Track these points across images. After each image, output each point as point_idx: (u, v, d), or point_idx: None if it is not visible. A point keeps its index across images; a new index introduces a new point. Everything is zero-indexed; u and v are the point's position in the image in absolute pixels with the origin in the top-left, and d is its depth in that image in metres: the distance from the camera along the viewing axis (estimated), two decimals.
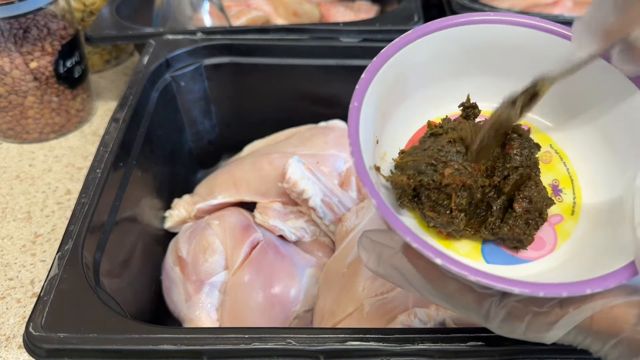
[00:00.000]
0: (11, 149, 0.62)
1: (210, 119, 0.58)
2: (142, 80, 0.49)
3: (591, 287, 0.23)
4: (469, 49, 0.31)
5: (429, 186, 0.27)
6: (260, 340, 0.30)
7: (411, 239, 0.23)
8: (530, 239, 0.28)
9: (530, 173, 0.28)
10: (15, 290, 0.48)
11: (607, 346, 0.24)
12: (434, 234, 0.29)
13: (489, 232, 0.28)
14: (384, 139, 0.30)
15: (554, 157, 0.31)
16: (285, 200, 0.46)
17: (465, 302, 0.25)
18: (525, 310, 0.24)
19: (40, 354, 0.31)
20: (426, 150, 0.28)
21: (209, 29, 0.56)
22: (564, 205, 0.30)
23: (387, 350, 0.30)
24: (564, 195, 0.30)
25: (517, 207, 0.28)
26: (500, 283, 0.23)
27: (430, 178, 0.27)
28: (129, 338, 0.31)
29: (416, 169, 0.27)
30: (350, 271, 0.41)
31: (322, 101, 0.57)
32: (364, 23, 0.56)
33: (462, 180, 0.27)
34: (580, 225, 0.29)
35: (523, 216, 0.28)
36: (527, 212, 0.28)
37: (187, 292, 0.42)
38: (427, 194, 0.27)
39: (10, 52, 0.56)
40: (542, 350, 0.30)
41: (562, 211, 0.29)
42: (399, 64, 0.30)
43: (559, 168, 0.31)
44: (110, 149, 0.42)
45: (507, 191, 0.28)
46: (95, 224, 0.37)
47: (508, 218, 0.28)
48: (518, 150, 0.28)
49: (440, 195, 0.27)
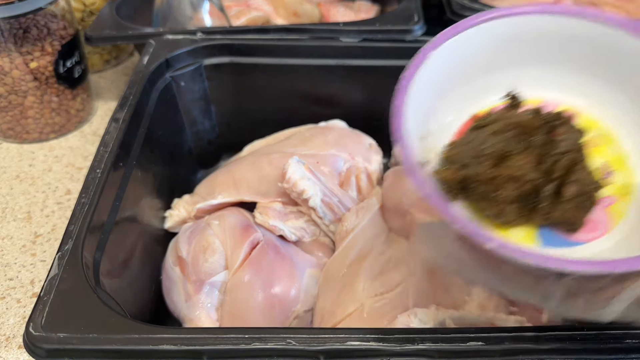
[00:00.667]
0: (11, 149, 0.62)
1: (210, 119, 0.58)
2: (142, 80, 0.49)
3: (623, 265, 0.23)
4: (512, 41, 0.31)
5: (474, 179, 0.27)
6: (260, 340, 0.30)
7: (462, 226, 0.24)
8: (582, 222, 0.28)
9: (578, 157, 0.28)
10: (15, 290, 0.48)
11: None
12: (487, 222, 0.29)
13: (541, 218, 0.28)
14: (431, 133, 0.30)
15: (603, 140, 0.31)
16: (285, 200, 0.46)
17: (522, 284, 0.26)
18: (583, 287, 0.24)
19: (40, 354, 0.31)
20: (470, 143, 0.28)
21: (209, 29, 0.56)
22: (615, 186, 0.30)
23: (387, 350, 0.30)
24: (616, 176, 0.30)
25: (566, 191, 0.27)
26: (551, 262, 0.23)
27: (474, 171, 0.27)
28: (129, 338, 0.31)
29: (461, 163, 0.28)
30: (350, 271, 0.42)
31: (322, 101, 0.57)
32: (364, 23, 0.56)
33: (509, 172, 0.27)
34: (634, 205, 0.29)
35: (573, 200, 0.28)
36: (577, 196, 0.28)
37: (187, 292, 0.42)
38: (474, 186, 0.27)
39: (10, 52, 0.56)
40: (542, 351, 0.30)
41: (615, 192, 0.30)
42: (443, 58, 0.30)
43: (608, 150, 0.31)
44: (110, 149, 0.42)
45: (556, 177, 0.28)
46: (95, 224, 0.37)
47: (559, 202, 0.28)
48: (564, 135, 0.28)
49: (488, 187, 0.27)
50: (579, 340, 0.30)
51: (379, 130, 0.57)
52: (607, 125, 0.32)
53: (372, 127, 0.56)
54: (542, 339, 0.30)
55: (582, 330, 0.31)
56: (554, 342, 0.30)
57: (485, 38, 0.31)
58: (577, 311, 0.25)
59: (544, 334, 0.30)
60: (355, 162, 0.50)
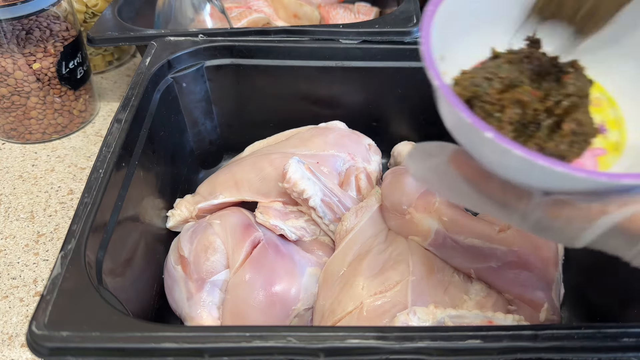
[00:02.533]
0: (14, 149, 0.63)
1: (211, 119, 0.58)
2: (144, 81, 0.49)
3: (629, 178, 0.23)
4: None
5: (482, 98, 0.28)
6: (261, 338, 0.30)
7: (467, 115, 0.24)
8: (573, 157, 0.29)
9: (582, 101, 0.29)
10: (18, 289, 0.48)
11: (636, 249, 0.24)
12: None
13: (534, 146, 0.28)
14: (449, 58, 0.31)
15: (604, 103, 0.32)
16: (286, 200, 0.47)
17: (504, 200, 0.26)
18: (565, 206, 0.25)
19: (43, 353, 0.31)
20: (485, 69, 0.29)
21: (210, 31, 0.56)
22: (608, 141, 0.31)
23: (387, 348, 0.30)
24: (610, 134, 0.31)
25: (565, 126, 0.28)
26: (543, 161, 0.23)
27: (484, 90, 0.28)
28: (132, 336, 0.31)
29: (472, 83, 0.28)
30: (350, 270, 0.42)
31: (322, 102, 0.57)
32: (364, 25, 0.56)
33: (518, 96, 0.28)
34: (623, 160, 0.30)
35: (569, 136, 0.28)
36: (573, 134, 0.28)
37: (189, 290, 0.43)
38: (481, 105, 0.28)
39: (13, 53, 0.57)
40: (540, 349, 0.30)
41: (606, 145, 0.30)
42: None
43: (608, 112, 0.32)
44: (113, 149, 0.42)
45: (558, 113, 0.29)
46: (98, 223, 0.38)
47: (555, 135, 0.28)
48: (573, 80, 0.29)
49: (494, 106, 0.28)
50: (577, 339, 0.31)
51: (378, 131, 0.57)
52: (610, 90, 0.33)
53: (371, 127, 0.57)
54: (540, 337, 0.31)
55: (579, 328, 0.31)
56: (552, 340, 0.30)
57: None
58: (553, 233, 0.26)
59: (542, 332, 0.31)
60: (355, 163, 0.50)
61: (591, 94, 0.31)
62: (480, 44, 0.32)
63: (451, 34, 0.31)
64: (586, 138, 0.29)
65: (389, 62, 0.55)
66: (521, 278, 0.40)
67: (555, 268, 0.41)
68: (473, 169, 0.27)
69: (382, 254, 0.43)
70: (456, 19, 0.31)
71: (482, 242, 0.41)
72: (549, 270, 0.41)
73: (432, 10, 0.29)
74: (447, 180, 0.28)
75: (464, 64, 0.31)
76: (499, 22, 0.33)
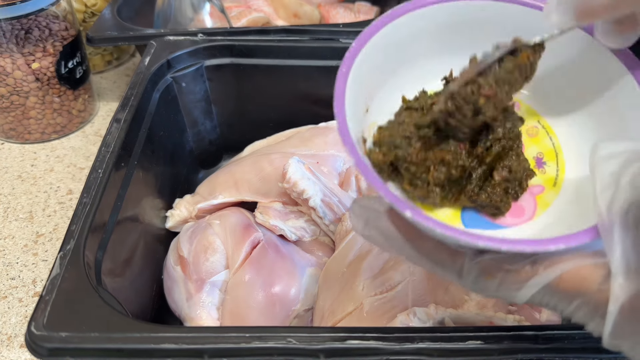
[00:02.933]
0: (13, 149, 0.63)
1: (211, 119, 0.58)
2: (144, 81, 0.49)
3: (555, 244, 0.24)
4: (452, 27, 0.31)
5: (405, 160, 0.27)
6: (260, 339, 0.30)
7: (384, 193, 0.24)
8: (507, 207, 0.29)
9: (512, 145, 0.29)
10: (17, 290, 0.48)
11: (573, 305, 0.24)
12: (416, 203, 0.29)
13: (467, 199, 0.28)
14: (373, 109, 0.30)
15: (540, 132, 0.32)
16: (286, 200, 0.47)
17: (440, 259, 0.26)
18: (497, 267, 0.25)
19: (42, 353, 0.31)
20: (401, 125, 0.28)
21: (209, 30, 0.56)
22: (546, 177, 0.30)
23: (387, 349, 0.30)
24: (548, 167, 0.31)
25: (496, 175, 0.28)
26: (464, 237, 0.24)
27: (405, 151, 0.27)
28: (131, 337, 0.31)
29: (392, 144, 0.28)
30: (350, 270, 0.42)
31: (322, 102, 0.57)
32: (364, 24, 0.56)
33: (441, 155, 0.27)
34: (561, 196, 0.29)
35: (502, 184, 0.28)
36: (506, 181, 0.28)
37: (188, 291, 0.43)
38: (406, 166, 0.28)
39: (12, 52, 0.57)
40: (541, 350, 0.30)
41: (544, 182, 0.30)
42: (387, 38, 0.30)
43: (544, 142, 0.32)
44: (112, 149, 0.42)
45: (489, 161, 0.29)
46: (97, 223, 0.38)
47: (487, 186, 0.28)
48: (501, 122, 0.29)
49: (419, 168, 0.27)
50: (577, 340, 0.31)
51: None
52: (546, 117, 0.32)
53: None
54: (541, 338, 0.31)
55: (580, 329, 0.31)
56: (553, 341, 0.30)
57: (421, 24, 0.31)
58: (490, 291, 0.26)
59: (543, 333, 0.31)
60: None
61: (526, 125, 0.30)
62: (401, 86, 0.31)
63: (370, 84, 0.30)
64: (521, 182, 0.29)
65: None
66: None
67: None
68: (407, 227, 0.27)
69: (383, 255, 0.42)
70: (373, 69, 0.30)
71: None
72: None
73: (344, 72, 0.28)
74: (388, 236, 0.28)
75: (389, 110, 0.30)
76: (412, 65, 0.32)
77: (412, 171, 0.28)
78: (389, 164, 0.28)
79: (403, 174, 0.28)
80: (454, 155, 0.28)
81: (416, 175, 0.28)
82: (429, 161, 0.27)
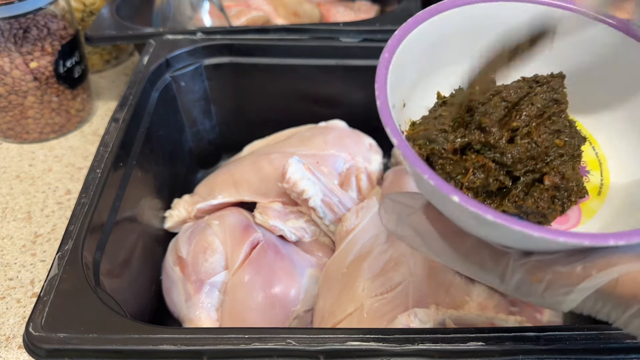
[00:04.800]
0: (11, 149, 0.62)
1: (210, 119, 0.58)
2: (142, 80, 0.49)
3: (615, 239, 0.21)
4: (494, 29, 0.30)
5: (440, 155, 0.26)
6: (260, 340, 0.30)
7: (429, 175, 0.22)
8: (555, 215, 0.27)
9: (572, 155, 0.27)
10: (15, 290, 0.48)
11: (628, 314, 0.22)
12: None
13: (512, 205, 0.26)
14: (411, 105, 0.29)
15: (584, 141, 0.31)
16: (285, 200, 0.46)
17: (481, 260, 0.24)
18: (545, 269, 0.23)
19: (40, 354, 0.31)
20: (437, 119, 0.27)
21: (209, 29, 0.56)
22: (590, 185, 0.29)
23: (387, 350, 0.30)
24: (591, 176, 0.29)
25: (547, 180, 0.26)
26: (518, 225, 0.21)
27: (441, 146, 0.26)
28: (129, 338, 0.31)
29: (427, 138, 0.26)
30: (350, 271, 0.41)
31: (322, 101, 0.57)
32: (364, 23, 0.56)
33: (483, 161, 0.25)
34: (607, 204, 0.28)
35: (550, 191, 0.26)
36: (555, 188, 0.26)
37: (187, 292, 0.42)
38: (441, 164, 0.26)
39: (10, 52, 0.56)
40: (542, 351, 0.30)
41: (589, 191, 0.29)
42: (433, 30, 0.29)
43: (587, 152, 0.30)
44: (110, 149, 0.42)
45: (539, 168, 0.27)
46: (95, 224, 0.37)
47: (534, 191, 0.26)
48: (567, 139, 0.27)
49: (455, 168, 0.26)
50: (579, 340, 0.30)
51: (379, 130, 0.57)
52: (588, 127, 0.31)
53: (372, 127, 0.56)
54: (543, 339, 0.30)
55: (582, 330, 0.31)
56: (554, 342, 0.30)
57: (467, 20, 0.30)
58: (536, 296, 0.24)
59: (544, 334, 0.31)
60: (355, 162, 0.50)
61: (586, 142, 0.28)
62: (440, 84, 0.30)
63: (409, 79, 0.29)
64: (570, 195, 0.27)
65: None
66: None
67: None
68: (445, 224, 0.25)
69: (383, 255, 0.42)
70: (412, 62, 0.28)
71: None
72: None
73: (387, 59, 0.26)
74: (422, 235, 0.26)
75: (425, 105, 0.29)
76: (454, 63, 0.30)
77: (447, 170, 0.26)
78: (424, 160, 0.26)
79: (438, 172, 0.26)
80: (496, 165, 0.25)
81: (451, 176, 0.26)
82: (468, 162, 0.26)
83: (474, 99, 0.27)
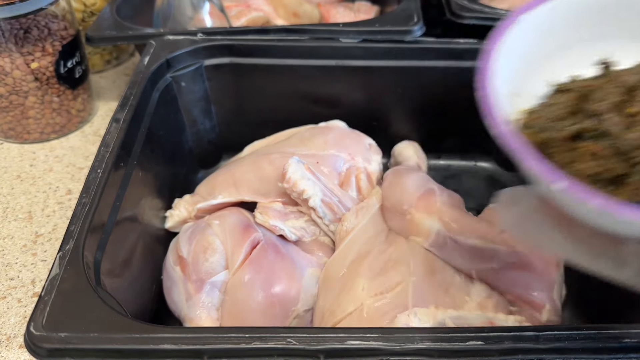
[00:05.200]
0: (12, 149, 0.62)
1: (210, 119, 0.58)
2: (143, 81, 0.49)
3: None
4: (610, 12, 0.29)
5: (551, 145, 0.25)
6: (260, 339, 0.30)
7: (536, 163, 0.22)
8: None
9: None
10: (16, 290, 0.48)
11: None
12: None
13: (631, 193, 0.24)
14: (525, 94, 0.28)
15: None
16: (286, 200, 0.47)
17: (599, 246, 0.24)
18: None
19: (41, 354, 0.31)
20: (552, 107, 0.26)
21: (209, 30, 0.56)
22: None
23: (387, 349, 0.30)
24: None
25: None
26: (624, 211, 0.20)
27: (553, 134, 0.25)
28: (130, 337, 0.31)
29: (540, 126, 0.25)
30: (350, 271, 0.42)
31: (322, 101, 0.57)
32: (364, 24, 0.56)
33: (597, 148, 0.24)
34: None
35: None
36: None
37: (188, 291, 0.42)
38: (552, 152, 0.25)
39: (11, 52, 0.56)
40: (541, 350, 0.30)
41: None
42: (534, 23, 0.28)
43: None
44: (111, 149, 0.42)
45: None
46: (96, 223, 0.38)
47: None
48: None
49: (566, 157, 0.25)
50: (578, 340, 0.30)
51: (379, 131, 0.57)
52: None
53: (371, 127, 0.56)
54: (542, 338, 0.30)
55: (581, 329, 0.31)
56: (553, 341, 0.30)
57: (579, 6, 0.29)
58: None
59: (543, 334, 0.31)
60: (355, 162, 0.50)
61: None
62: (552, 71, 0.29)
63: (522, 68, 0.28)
64: None
65: (389, 61, 0.54)
66: (523, 279, 0.40)
67: (556, 269, 0.41)
68: (559, 215, 0.24)
69: (383, 255, 0.42)
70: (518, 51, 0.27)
71: (484, 242, 0.41)
72: (551, 271, 0.40)
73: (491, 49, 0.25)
74: (537, 228, 0.26)
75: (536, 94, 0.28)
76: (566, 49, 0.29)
77: (557, 159, 0.25)
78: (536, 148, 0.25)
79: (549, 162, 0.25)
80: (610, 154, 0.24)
81: (562, 166, 0.24)
82: (582, 150, 0.24)
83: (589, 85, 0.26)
